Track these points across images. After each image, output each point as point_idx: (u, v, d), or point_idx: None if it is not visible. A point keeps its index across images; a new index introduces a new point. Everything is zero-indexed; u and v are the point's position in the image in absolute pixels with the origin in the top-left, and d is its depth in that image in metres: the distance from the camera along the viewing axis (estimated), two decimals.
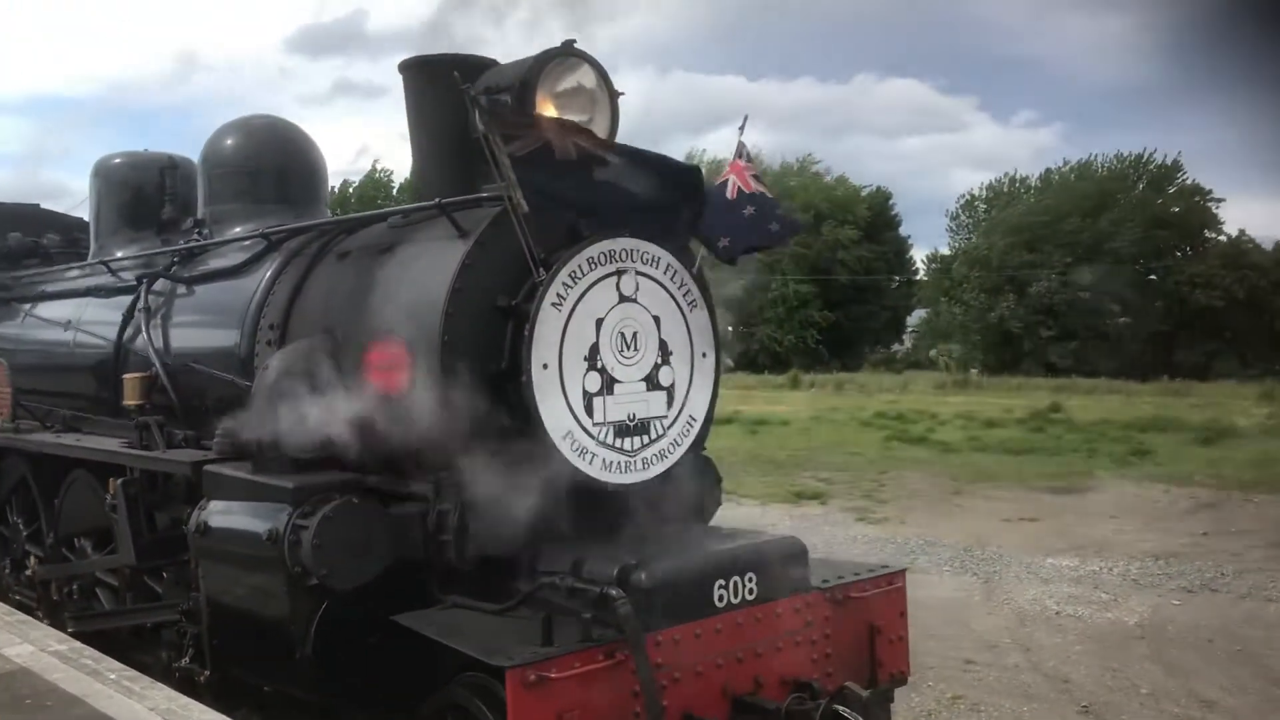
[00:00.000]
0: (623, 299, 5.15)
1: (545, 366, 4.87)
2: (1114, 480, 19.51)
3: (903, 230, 72.71)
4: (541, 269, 4.88)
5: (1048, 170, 65.43)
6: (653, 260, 5.26)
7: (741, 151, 5.46)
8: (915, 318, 72.38)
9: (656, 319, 5.29)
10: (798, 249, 65.69)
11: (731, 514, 15.86)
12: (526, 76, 5.16)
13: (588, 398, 5.02)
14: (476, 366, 4.92)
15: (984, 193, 69.66)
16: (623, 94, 5.45)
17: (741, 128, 5.67)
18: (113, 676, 5.47)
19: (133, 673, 5.60)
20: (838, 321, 65.38)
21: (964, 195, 71.00)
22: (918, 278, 72.82)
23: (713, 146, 72.96)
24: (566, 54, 5.29)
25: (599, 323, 5.05)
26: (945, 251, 69.74)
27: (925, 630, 10.45)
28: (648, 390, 5.26)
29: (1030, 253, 57.64)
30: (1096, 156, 65.08)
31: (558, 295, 4.90)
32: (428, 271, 5.09)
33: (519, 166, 4.69)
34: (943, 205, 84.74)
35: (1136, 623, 10.86)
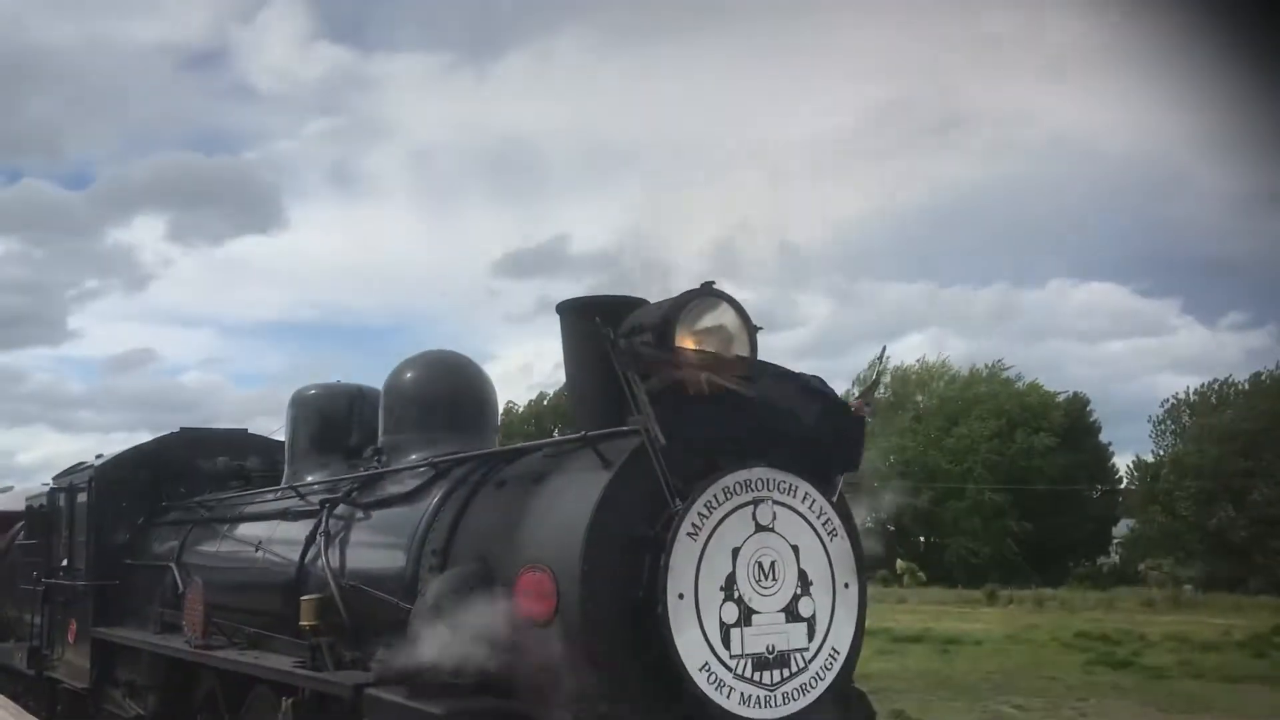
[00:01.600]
0: (759, 528, 5.23)
1: (681, 596, 4.96)
2: None
3: (1104, 437, 69.80)
4: (678, 499, 5.04)
5: (1258, 373, 61.90)
6: (790, 489, 5.35)
7: (870, 395, 5.60)
8: (1121, 528, 68.42)
9: (795, 548, 5.34)
10: (990, 456, 63.83)
11: None
12: (668, 315, 5.44)
13: (724, 629, 5.06)
14: (616, 596, 5.06)
15: (1191, 397, 66.48)
16: (761, 329, 5.68)
17: (881, 357, 5.81)
18: None
19: None
20: (1037, 534, 62.47)
21: (1169, 400, 67.93)
22: (1122, 486, 69.29)
23: (902, 352, 72.79)
24: (706, 294, 5.58)
25: (735, 552, 5.14)
26: (1149, 459, 66.35)
27: None
28: (787, 622, 5.26)
29: (1246, 459, 54.18)
30: None
31: (693, 525, 5.03)
32: (572, 502, 5.32)
33: (656, 402, 4.94)
34: (1146, 411, 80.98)
35: None
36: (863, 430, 5.72)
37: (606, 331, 5.13)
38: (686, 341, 5.48)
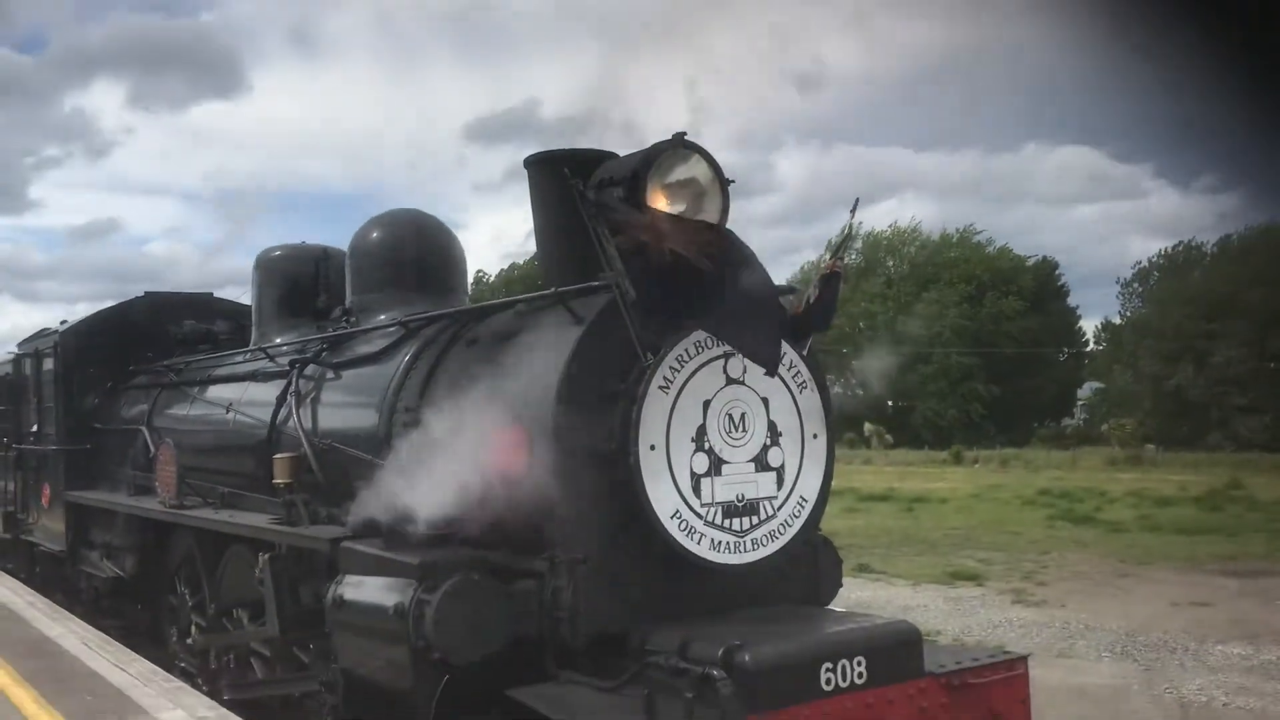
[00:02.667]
0: (730, 381, 5.25)
1: (652, 447, 5.01)
2: None
3: (1072, 301, 70.57)
4: (649, 353, 5.03)
5: (1227, 236, 62.16)
6: None
7: (844, 247, 5.55)
8: (1086, 390, 69.69)
9: (765, 400, 5.38)
10: (960, 320, 64.42)
11: (881, 594, 15.63)
12: (637, 168, 5.34)
13: (695, 478, 5.12)
14: (589, 449, 5.09)
15: (1158, 260, 67.02)
16: (733, 181, 5.59)
17: (853, 210, 5.73)
18: None
19: None
20: (1003, 395, 63.53)
21: (1138, 263, 68.48)
22: (1088, 349, 70.33)
23: (877, 219, 72.54)
24: (678, 145, 5.47)
25: (706, 404, 5.17)
26: (1117, 322, 67.23)
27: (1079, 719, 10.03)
28: (756, 471, 5.33)
29: (1209, 322, 54.90)
30: None
31: (664, 379, 5.04)
32: (544, 358, 5.30)
33: (626, 257, 4.88)
34: (1117, 275, 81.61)
35: None
36: (837, 289, 5.68)
37: (575, 183, 5.04)
38: (658, 195, 5.39)
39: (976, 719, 5.17)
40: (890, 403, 67.02)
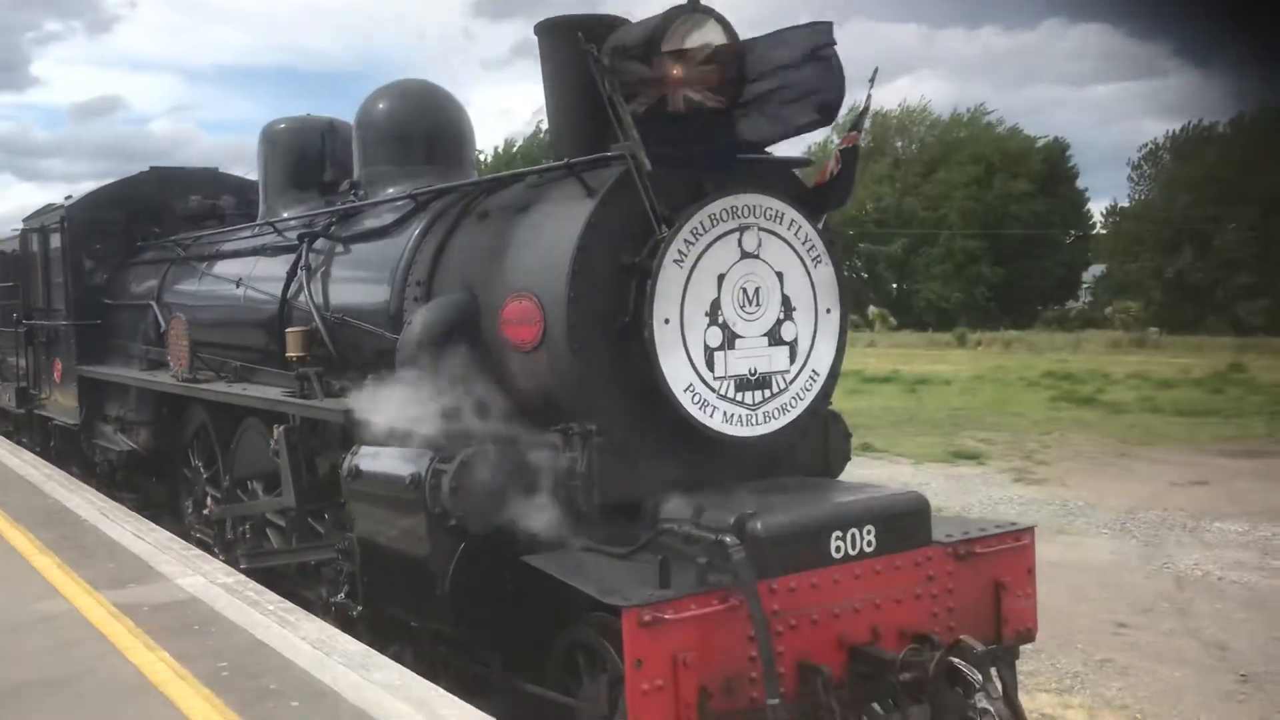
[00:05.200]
0: (745, 255, 5.22)
1: (667, 321, 5.01)
2: None
3: (1081, 183, 69.76)
4: (664, 226, 5.00)
5: (1241, 114, 60.78)
6: (776, 216, 5.31)
7: (861, 123, 5.47)
8: (1091, 274, 69.43)
9: (780, 275, 5.35)
10: (967, 202, 63.86)
11: (883, 472, 15.81)
12: (652, 33, 5.21)
13: (709, 352, 5.13)
14: (603, 322, 5.10)
15: (1167, 142, 66.02)
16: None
17: (872, 80, 5.64)
18: (271, 608, 5.92)
19: (290, 605, 6.04)
20: (1009, 278, 63.34)
21: (1147, 144, 67.41)
22: (1095, 232, 69.81)
23: (890, 98, 71.25)
24: (693, 10, 5.34)
25: (720, 278, 5.15)
26: (1126, 205, 66.59)
27: (1078, 593, 10.27)
28: (770, 345, 5.34)
29: (1215, 205, 54.32)
30: None
31: (679, 252, 5.01)
32: (556, 231, 5.27)
33: (641, 125, 4.81)
34: (1128, 157, 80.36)
35: None
36: (854, 162, 5.62)
37: (589, 49, 4.93)
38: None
39: (982, 587, 5.29)
40: (895, 285, 67.00)
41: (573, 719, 4.87)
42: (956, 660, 4.58)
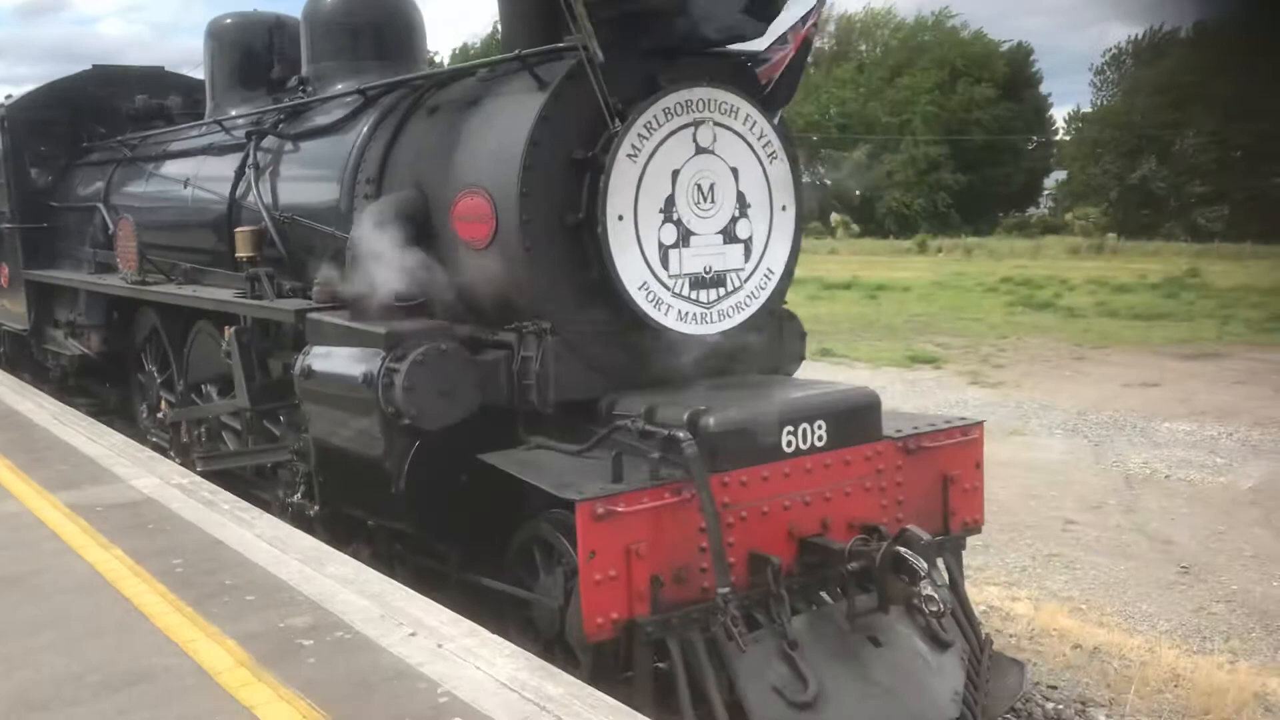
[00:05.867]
0: (699, 150, 5.16)
1: (620, 218, 4.96)
2: (1247, 348, 18.85)
3: (1044, 88, 69.48)
4: (617, 120, 4.92)
5: (1202, 21, 60.34)
6: (731, 110, 5.24)
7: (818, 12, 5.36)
8: (1053, 180, 69.56)
9: (734, 171, 5.30)
10: (929, 108, 63.52)
11: (841, 376, 15.91)
12: None
13: (663, 250, 5.10)
14: (555, 218, 5.05)
15: (1130, 46, 65.63)
16: None
17: None
18: (226, 507, 5.91)
19: (244, 504, 6.04)
20: (971, 184, 63.32)
21: (1110, 49, 67.03)
22: (1058, 138, 69.78)
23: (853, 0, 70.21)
24: None
25: (675, 174, 5.09)
26: (1088, 110, 66.42)
27: (1028, 490, 10.49)
28: (724, 243, 5.31)
29: (1175, 111, 54.26)
30: None
31: (632, 147, 4.94)
32: (507, 125, 5.17)
33: (594, 16, 4.70)
34: (1092, 62, 79.89)
35: (1251, 488, 10.65)
36: (806, 56, 5.53)
37: None
38: None
39: (931, 480, 5.37)
40: (857, 192, 66.80)
41: (529, 611, 4.93)
42: (902, 549, 4.65)
